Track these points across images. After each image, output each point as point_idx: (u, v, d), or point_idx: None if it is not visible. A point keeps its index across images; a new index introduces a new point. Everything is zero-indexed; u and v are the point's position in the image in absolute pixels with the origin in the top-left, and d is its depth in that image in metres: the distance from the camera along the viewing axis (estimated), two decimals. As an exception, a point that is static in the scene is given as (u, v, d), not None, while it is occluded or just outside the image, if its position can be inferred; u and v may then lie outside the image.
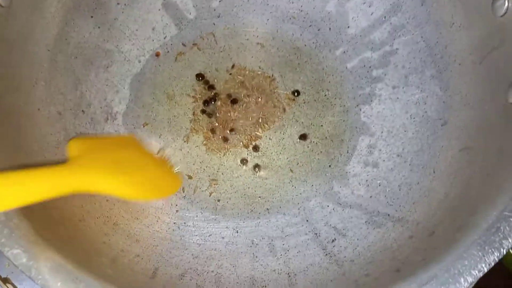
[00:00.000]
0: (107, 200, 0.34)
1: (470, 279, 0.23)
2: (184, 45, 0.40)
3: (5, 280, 0.39)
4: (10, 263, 0.40)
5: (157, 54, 0.40)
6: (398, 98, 0.38)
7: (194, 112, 0.39)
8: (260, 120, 0.39)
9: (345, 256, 0.33)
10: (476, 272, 0.23)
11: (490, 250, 0.24)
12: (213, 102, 0.39)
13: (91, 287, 0.23)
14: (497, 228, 0.24)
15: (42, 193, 0.25)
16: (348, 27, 0.40)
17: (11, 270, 0.39)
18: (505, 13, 0.30)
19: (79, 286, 0.23)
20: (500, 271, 0.43)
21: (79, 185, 0.27)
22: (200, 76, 0.39)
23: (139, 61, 0.39)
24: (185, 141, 0.38)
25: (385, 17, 0.39)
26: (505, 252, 0.24)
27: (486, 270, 0.23)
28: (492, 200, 0.26)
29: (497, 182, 0.27)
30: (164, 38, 0.40)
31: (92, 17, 0.38)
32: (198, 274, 0.32)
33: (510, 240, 0.24)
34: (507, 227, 0.24)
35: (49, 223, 0.27)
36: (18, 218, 0.24)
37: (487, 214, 0.25)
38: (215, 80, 0.40)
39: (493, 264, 0.23)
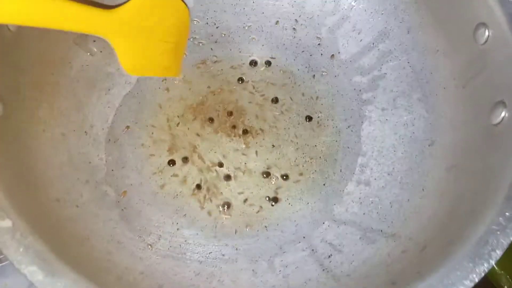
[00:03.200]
0: (110, 219, 0.35)
1: (463, 289, 0.25)
2: (182, 68, 0.42)
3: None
4: (7, 283, 0.40)
5: None
6: (387, 119, 0.40)
7: (196, 133, 0.40)
8: (257, 141, 0.40)
9: (341, 271, 0.34)
10: (468, 282, 0.25)
11: (480, 262, 0.25)
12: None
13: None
14: (485, 242, 0.26)
15: (74, 24, 0.30)
16: (339, 52, 0.43)
17: (9, 291, 0.39)
18: (486, 41, 0.33)
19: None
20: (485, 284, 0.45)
21: (102, 32, 0.33)
22: (171, 163, 0.39)
23: (140, 84, 0.41)
24: (185, 163, 0.39)
25: (373, 43, 0.42)
26: (493, 263, 0.25)
27: (477, 280, 0.25)
28: (480, 215, 0.28)
29: (484, 198, 0.29)
30: (164, 62, 0.42)
31: (94, 41, 0.39)
32: (201, 291, 0.33)
33: (498, 252, 0.26)
34: (494, 240, 0.26)
35: (59, 242, 0.28)
36: (33, 236, 0.25)
37: (476, 228, 0.27)
38: (214, 104, 0.41)
39: (483, 274, 0.25)
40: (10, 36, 0.32)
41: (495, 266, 0.43)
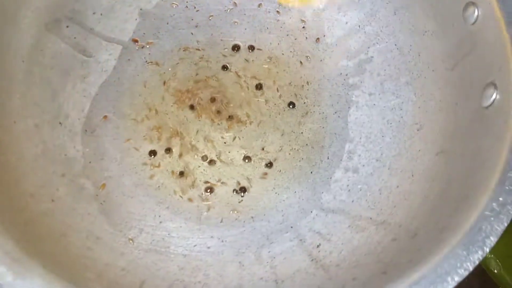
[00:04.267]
0: (88, 214, 0.34)
1: (457, 278, 0.24)
2: (162, 54, 0.40)
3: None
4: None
5: (135, 40, 0.39)
6: (374, 104, 0.39)
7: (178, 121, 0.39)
8: (242, 129, 0.39)
9: (330, 261, 0.33)
10: (462, 270, 0.24)
11: (474, 249, 0.25)
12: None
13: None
14: (479, 228, 0.25)
15: None
16: (324, 36, 0.41)
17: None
18: (475, 21, 0.32)
19: (70, 303, 0.22)
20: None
21: None
22: (152, 153, 0.38)
23: (117, 71, 0.39)
24: (167, 153, 0.38)
25: (359, 26, 0.40)
26: (488, 250, 0.25)
27: (471, 268, 0.24)
28: (472, 200, 0.27)
29: (475, 183, 0.28)
30: (142, 47, 0.40)
31: (67, 27, 0.37)
32: (185, 286, 0.31)
33: (492, 239, 0.25)
34: (488, 227, 0.25)
35: (33, 240, 0.26)
36: (1, 237, 0.23)
37: (469, 214, 0.26)
38: (196, 91, 0.40)
39: (477, 262, 0.24)
40: (-26, 21, 0.30)
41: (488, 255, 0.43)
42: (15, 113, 0.33)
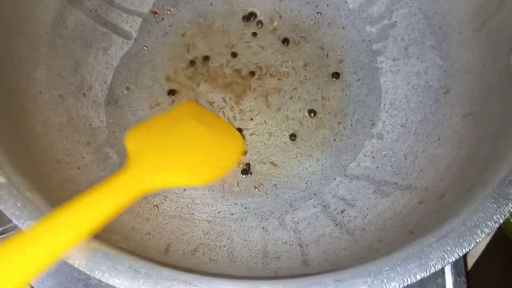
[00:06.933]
0: (113, 181, 0.34)
1: (487, 230, 0.23)
2: (182, 25, 0.40)
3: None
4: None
5: (154, 12, 0.39)
6: (399, 70, 0.38)
7: (198, 91, 0.39)
8: (264, 99, 0.39)
9: (355, 225, 0.33)
10: (492, 223, 0.23)
11: (504, 202, 0.24)
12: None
13: (108, 256, 0.23)
14: (509, 181, 0.24)
15: (114, 208, 0.24)
16: (346, 2, 0.40)
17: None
18: (503, -23, 0.31)
19: (97, 255, 0.23)
20: (502, 239, 0.44)
21: (147, 187, 0.27)
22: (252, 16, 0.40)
23: (138, 43, 0.39)
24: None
25: (382, -10, 0.39)
26: (519, 203, 0.24)
27: (501, 221, 0.23)
28: (502, 156, 0.26)
29: (505, 140, 0.28)
30: (162, 19, 0.40)
31: (88, 0, 0.37)
32: (210, 249, 0.32)
33: (523, 191, 0.24)
34: (519, 179, 0.24)
35: (61, 201, 0.27)
36: (31, 192, 0.24)
37: (499, 169, 0.25)
38: (216, 59, 0.40)
39: (507, 214, 0.24)
40: (-2, -8, 0.31)
41: (511, 219, 0.42)
42: (40, 83, 0.34)
